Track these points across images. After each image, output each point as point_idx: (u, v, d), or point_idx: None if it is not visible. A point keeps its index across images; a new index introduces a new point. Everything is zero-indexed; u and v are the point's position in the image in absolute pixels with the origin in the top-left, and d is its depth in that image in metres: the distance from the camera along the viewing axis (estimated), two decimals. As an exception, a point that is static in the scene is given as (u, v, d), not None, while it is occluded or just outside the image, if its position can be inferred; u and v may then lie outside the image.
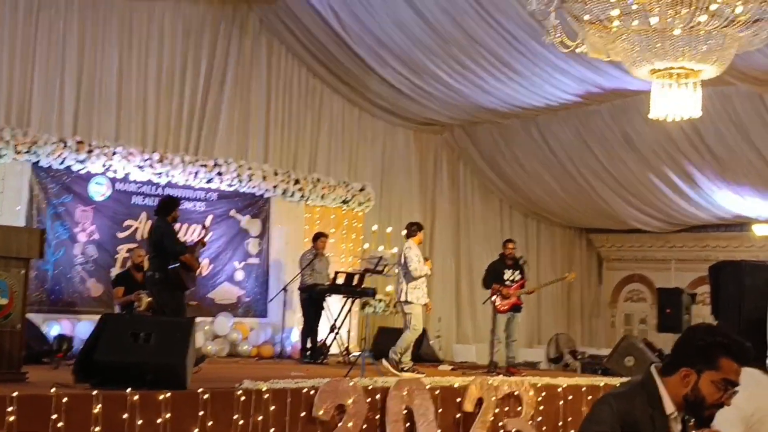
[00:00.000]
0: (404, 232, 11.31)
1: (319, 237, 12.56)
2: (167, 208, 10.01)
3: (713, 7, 7.47)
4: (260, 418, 7.17)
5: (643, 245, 19.40)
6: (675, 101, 8.33)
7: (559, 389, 9.83)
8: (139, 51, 12.98)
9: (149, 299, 9.96)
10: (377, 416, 8.08)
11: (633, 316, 19.68)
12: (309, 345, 12.02)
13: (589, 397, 10.07)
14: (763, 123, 13.67)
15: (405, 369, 10.10)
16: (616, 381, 10.49)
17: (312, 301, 12.12)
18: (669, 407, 3.07)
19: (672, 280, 17.90)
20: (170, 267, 9.61)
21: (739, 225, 17.56)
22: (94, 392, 6.31)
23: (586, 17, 8.05)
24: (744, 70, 11.95)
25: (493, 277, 11.52)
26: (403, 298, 10.45)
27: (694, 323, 7.42)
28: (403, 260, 10.68)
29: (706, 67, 8.10)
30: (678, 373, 3.11)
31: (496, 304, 11.30)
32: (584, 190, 17.17)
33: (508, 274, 11.46)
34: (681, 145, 14.90)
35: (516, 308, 11.42)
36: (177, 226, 10.77)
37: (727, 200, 16.17)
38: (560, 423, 9.71)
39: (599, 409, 3.10)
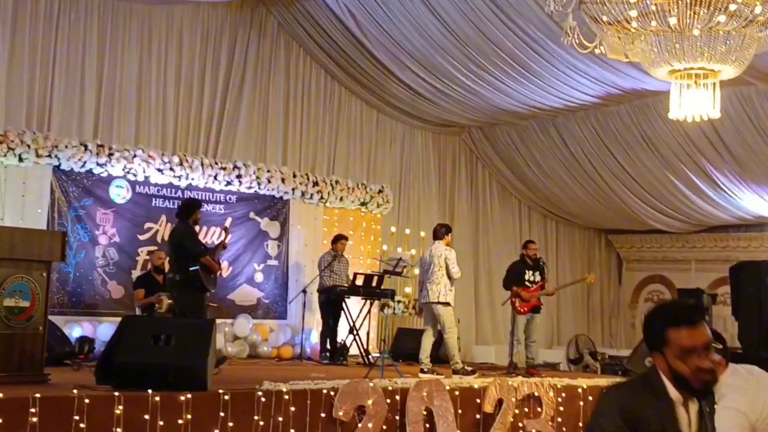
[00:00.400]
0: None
1: (339, 239, 12.62)
2: (188, 210, 10.06)
3: (732, 7, 7.45)
4: (280, 419, 7.21)
5: (662, 246, 19.33)
6: (694, 102, 8.31)
7: (579, 390, 9.82)
8: (158, 55, 13.07)
9: (170, 301, 10.01)
10: (397, 417, 8.11)
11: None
12: (329, 346, 12.06)
13: (609, 399, 10.05)
14: (783, 123, 13.60)
15: (425, 370, 10.09)
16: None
17: (331, 302, 12.16)
18: (673, 393, 3.10)
19: (692, 281, 17.81)
20: (191, 269, 9.65)
21: (760, 225, 17.47)
22: (116, 393, 6.36)
23: (605, 18, 8.04)
24: (763, 69, 11.90)
25: (513, 279, 11.51)
26: (442, 299, 10.40)
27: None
28: (442, 262, 10.59)
29: (725, 68, 8.08)
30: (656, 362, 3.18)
31: (516, 305, 11.29)
32: (603, 190, 17.13)
33: (528, 275, 11.44)
34: (700, 146, 14.84)
35: (535, 309, 11.41)
36: (197, 228, 10.80)
37: (748, 200, 16.09)
38: (580, 424, 9.69)
39: (604, 403, 3.14)
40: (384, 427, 7.91)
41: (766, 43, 7.97)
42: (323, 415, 7.54)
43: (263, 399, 7.13)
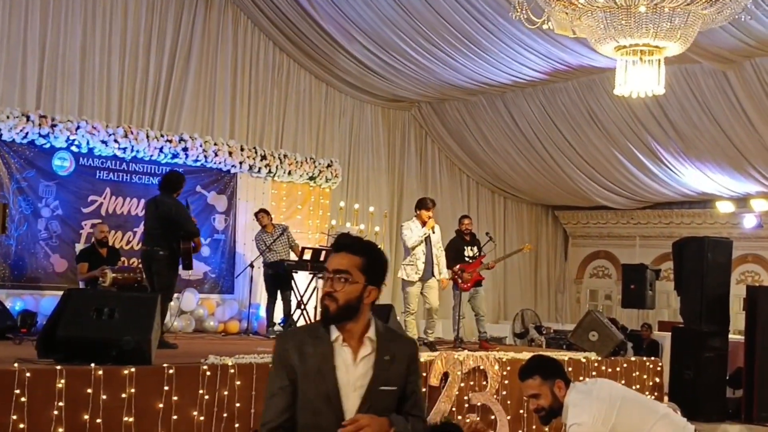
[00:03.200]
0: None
1: (258, 214, 12.39)
2: (176, 184, 9.66)
3: (677, -16, 7.52)
4: (226, 393, 7.16)
5: (608, 222, 19.60)
6: (639, 78, 8.40)
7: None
8: (102, 24, 12.82)
9: (114, 275, 9.87)
10: (343, 391, 8.10)
11: (598, 292, 19.90)
12: (278, 319, 12.01)
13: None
14: (727, 100, 13.81)
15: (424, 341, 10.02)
16: (580, 355, 10.62)
17: (279, 276, 12.07)
18: (334, 334, 3.22)
19: (637, 257, 18.09)
20: (183, 246, 9.40)
21: (703, 202, 17.78)
22: (58, 367, 6.27)
23: (552, -7, 8.07)
24: (708, 47, 12.06)
25: (453, 256, 11.49)
26: (400, 275, 10.29)
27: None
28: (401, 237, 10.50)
29: (670, 44, 8.17)
30: None
31: (459, 282, 11.30)
32: (550, 166, 17.29)
33: (467, 251, 11.45)
34: (645, 122, 15.03)
35: (477, 283, 11.41)
36: None
37: (691, 177, 16.35)
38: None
39: (275, 348, 3.29)
40: (330, 400, 7.91)
41: (711, 21, 8.06)
42: (269, 388, 7.51)
43: (208, 373, 7.07)
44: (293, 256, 12.24)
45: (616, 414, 4.38)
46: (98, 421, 6.30)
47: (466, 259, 11.34)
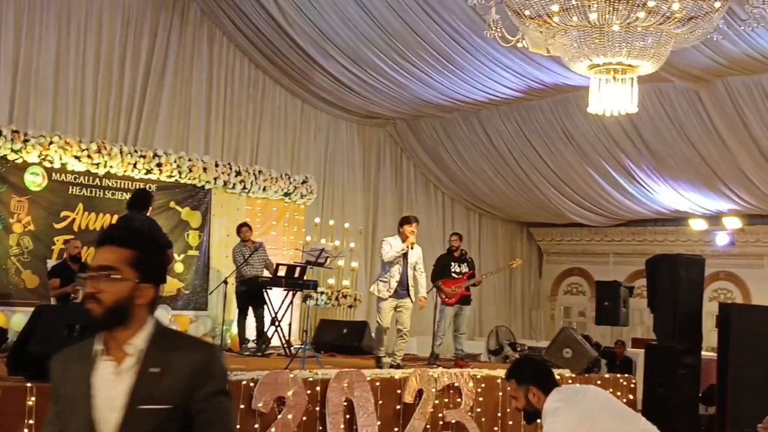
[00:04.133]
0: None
1: (241, 228, 12.33)
2: (145, 201, 9.80)
3: (651, 3, 7.59)
4: (198, 410, 7.09)
5: (582, 239, 19.70)
6: (612, 96, 8.47)
7: (498, 381, 9.91)
8: (77, 39, 12.76)
9: (86, 291, 9.77)
10: (317, 408, 8.07)
11: (572, 309, 19.96)
12: (253, 336, 11.93)
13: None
14: (699, 119, 13.94)
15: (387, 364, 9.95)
16: (554, 372, 10.61)
17: (252, 293, 12.00)
18: (98, 345, 2.71)
19: (610, 274, 18.15)
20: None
21: (676, 220, 17.91)
22: (29, 384, 6.20)
23: (527, 12, 8.13)
24: (681, 67, 12.18)
25: (439, 271, 11.51)
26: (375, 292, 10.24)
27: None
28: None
29: (643, 63, 8.24)
30: None
31: (443, 297, 11.30)
32: (524, 184, 17.36)
33: (454, 267, 11.46)
34: (619, 141, 15.14)
35: (464, 300, 11.39)
36: None
37: (664, 195, 16.47)
38: (499, 414, 9.80)
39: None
40: (304, 418, 7.87)
41: (683, 40, 8.15)
42: (242, 406, 7.46)
43: (181, 390, 7.01)
44: (267, 274, 12.18)
45: (592, 423, 4.40)
46: (69, 439, 6.22)
47: (452, 275, 11.35)
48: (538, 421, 4.59)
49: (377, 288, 10.01)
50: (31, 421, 6.09)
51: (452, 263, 11.48)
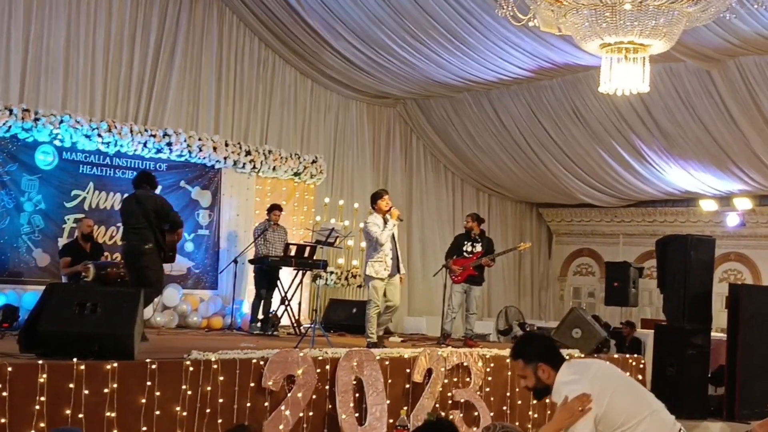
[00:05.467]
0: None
1: (272, 209, 12.50)
2: (153, 180, 9.74)
3: (663, -18, 7.54)
4: (209, 388, 7.14)
5: (592, 220, 19.66)
6: (624, 76, 8.42)
7: (508, 361, 9.90)
8: (87, 18, 12.74)
9: (97, 270, 9.83)
10: (327, 387, 8.10)
11: (581, 290, 19.96)
12: (261, 316, 12.00)
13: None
14: (711, 99, 13.87)
15: (370, 343, 9.87)
16: (563, 352, 10.62)
17: (263, 272, 12.08)
18: None
19: (620, 254, 18.16)
20: (168, 238, 9.40)
21: (686, 200, 17.86)
22: (40, 362, 6.23)
23: (538, -10, 8.08)
24: (692, 46, 12.11)
25: (452, 249, 11.56)
26: (366, 272, 10.13)
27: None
28: (363, 234, 10.40)
29: (654, 42, 8.19)
30: None
31: (452, 274, 11.32)
32: (535, 164, 17.32)
33: (467, 246, 11.46)
34: (630, 120, 15.08)
35: (473, 280, 11.37)
36: None
37: (675, 175, 16.41)
38: (508, 394, 9.82)
39: None
40: (314, 396, 7.90)
41: (695, 19, 8.09)
42: (252, 384, 7.49)
43: (191, 368, 7.05)
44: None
45: (610, 396, 4.33)
46: (80, 416, 6.28)
47: (464, 254, 11.36)
48: (547, 400, 4.57)
49: (374, 270, 9.84)
50: (42, 398, 6.13)
51: (465, 242, 11.49)
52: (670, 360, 12.11)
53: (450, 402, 9.19)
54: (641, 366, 11.60)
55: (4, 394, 5.99)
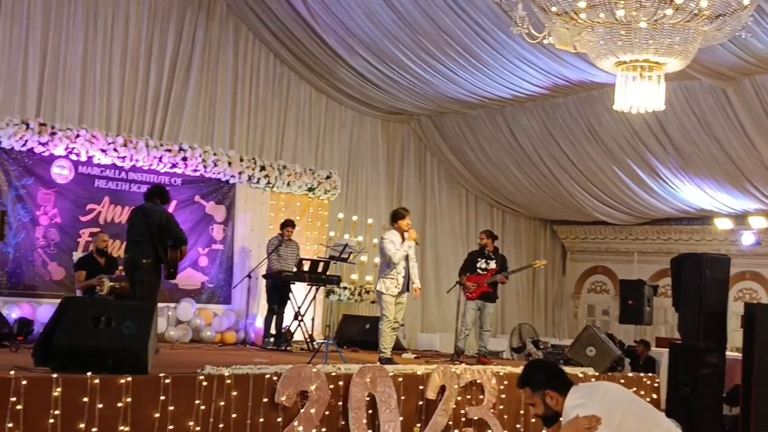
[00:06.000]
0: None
1: (285, 225, 12.53)
2: (166, 195, 9.74)
3: (678, 0, 7.53)
4: (222, 403, 7.14)
5: (606, 237, 19.60)
6: (639, 94, 8.40)
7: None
8: (104, 33, 12.84)
9: (111, 284, 9.87)
10: (340, 403, 8.09)
11: (596, 307, 19.88)
12: (273, 331, 12.01)
13: (550, 386, 10.14)
14: (726, 117, 13.83)
15: (383, 358, 9.86)
16: (577, 371, 10.59)
17: (276, 287, 12.10)
18: None
19: (635, 272, 18.07)
20: (172, 255, 9.39)
21: (701, 218, 17.78)
22: (54, 375, 6.24)
23: (554, 8, 8.08)
24: (708, 65, 12.09)
25: (466, 266, 11.54)
26: (378, 288, 10.17)
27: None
28: (378, 250, 10.44)
29: (670, 60, 8.18)
30: None
31: (465, 291, 11.30)
32: (549, 181, 17.30)
33: (481, 263, 11.44)
34: (645, 138, 15.05)
35: (487, 297, 11.35)
36: None
37: (690, 194, 16.35)
38: (521, 411, 9.78)
39: None
40: (326, 412, 7.89)
41: (711, 38, 8.08)
42: (265, 400, 7.49)
43: (205, 383, 7.06)
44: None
45: (621, 416, 4.27)
46: (94, 429, 6.28)
47: (478, 271, 11.35)
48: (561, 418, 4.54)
49: (384, 286, 9.89)
50: (56, 412, 6.14)
51: (479, 259, 11.48)
52: (685, 379, 12.03)
53: (463, 419, 9.15)
54: (656, 385, 11.53)
55: (19, 407, 6.00)
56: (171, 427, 6.75)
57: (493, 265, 11.44)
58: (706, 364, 12.04)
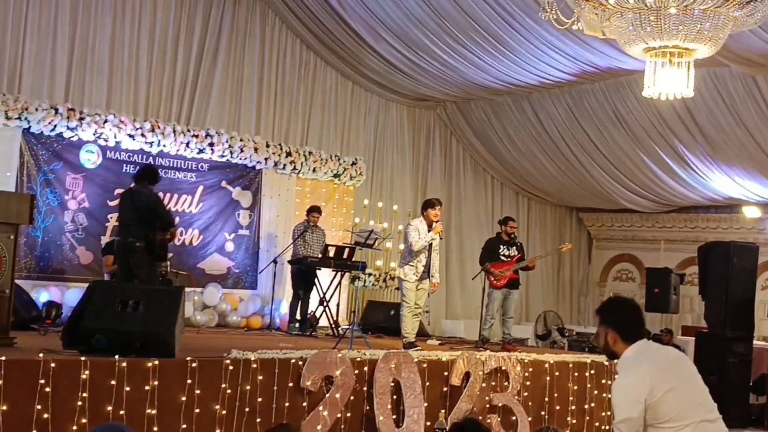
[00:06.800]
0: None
1: (311, 211, 12.56)
2: (153, 176, 9.79)
3: (709, -14, 7.47)
4: (248, 387, 7.20)
5: (632, 225, 19.48)
6: (668, 80, 8.35)
7: (546, 365, 9.89)
8: (132, 19, 12.89)
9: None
10: (365, 388, 8.12)
11: (622, 295, 19.75)
12: (298, 317, 12.06)
13: (576, 374, 10.15)
14: (756, 105, 13.69)
15: (406, 342, 9.92)
16: (602, 358, 10.56)
17: (302, 273, 12.14)
18: None
19: (661, 260, 17.99)
20: (160, 237, 9.47)
21: (729, 206, 17.63)
22: (82, 358, 6.31)
23: (582, -6, 8.03)
24: (738, 51, 11.96)
25: (487, 254, 11.48)
26: (398, 274, 10.30)
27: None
28: (403, 236, 10.53)
29: (699, 47, 8.11)
30: None
31: (491, 279, 11.28)
32: (575, 168, 17.20)
33: (503, 250, 11.42)
34: (673, 125, 14.92)
35: (512, 284, 11.34)
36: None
37: (718, 181, 16.22)
38: (546, 399, 9.78)
39: None
40: (351, 397, 7.93)
41: (742, 23, 7.99)
42: (291, 384, 7.54)
43: (231, 367, 7.11)
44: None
45: (666, 392, 4.24)
46: (121, 412, 6.35)
47: (501, 258, 11.32)
48: (615, 361, 4.56)
49: (403, 272, 10.04)
50: (84, 395, 6.21)
51: (501, 246, 11.45)
52: (711, 368, 11.95)
53: (488, 406, 9.17)
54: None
55: (47, 389, 6.07)
56: (197, 410, 6.81)
57: (515, 251, 11.43)
58: (733, 352, 11.98)
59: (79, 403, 6.20)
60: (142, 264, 9.28)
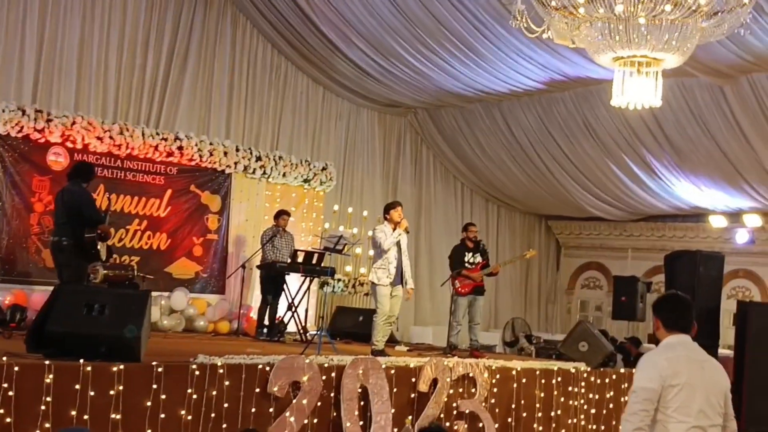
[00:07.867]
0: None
1: (279, 215, 12.55)
2: (85, 173, 9.74)
3: (677, -4, 7.55)
4: (214, 393, 7.14)
5: (600, 233, 19.63)
6: (636, 90, 8.42)
7: (513, 372, 9.91)
8: (101, 20, 12.79)
9: (105, 272, 9.87)
10: (332, 394, 8.10)
11: (589, 303, 19.91)
12: (266, 322, 12.01)
13: (542, 381, 10.18)
14: (722, 115, 13.85)
15: (375, 350, 9.89)
16: (569, 365, 10.61)
17: (270, 278, 12.10)
18: None
19: (628, 269, 18.12)
20: (87, 235, 9.38)
21: (696, 216, 17.82)
22: (47, 362, 6.24)
23: (552, 2, 8.09)
24: (706, 62, 12.09)
25: (456, 261, 11.53)
26: (371, 279, 10.26)
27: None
28: (372, 242, 10.51)
29: (667, 57, 8.19)
30: None
31: (456, 287, 11.31)
32: (545, 176, 17.31)
33: (468, 257, 11.47)
34: (640, 134, 15.06)
35: (478, 291, 11.40)
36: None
37: (685, 191, 16.38)
38: (513, 405, 9.80)
39: None
40: (318, 403, 7.90)
41: (709, 34, 8.09)
42: (258, 390, 7.49)
43: (197, 372, 7.06)
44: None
45: (678, 389, 4.66)
46: (85, 417, 6.28)
47: (467, 265, 11.37)
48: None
49: (376, 276, 9.99)
50: (48, 399, 6.14)
51: (466, 253, 11.50)
52: (677, 375, 12.05)
53: (455, 412, 9.16)
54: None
55: (11, 393, 6.00)
56: (163, 415, 6.75)
57: (479, 258, 11.49)
58: (699, 361, 12.06)
59: (43, 407, 6.13)
60: (68, 263, 9.23)
